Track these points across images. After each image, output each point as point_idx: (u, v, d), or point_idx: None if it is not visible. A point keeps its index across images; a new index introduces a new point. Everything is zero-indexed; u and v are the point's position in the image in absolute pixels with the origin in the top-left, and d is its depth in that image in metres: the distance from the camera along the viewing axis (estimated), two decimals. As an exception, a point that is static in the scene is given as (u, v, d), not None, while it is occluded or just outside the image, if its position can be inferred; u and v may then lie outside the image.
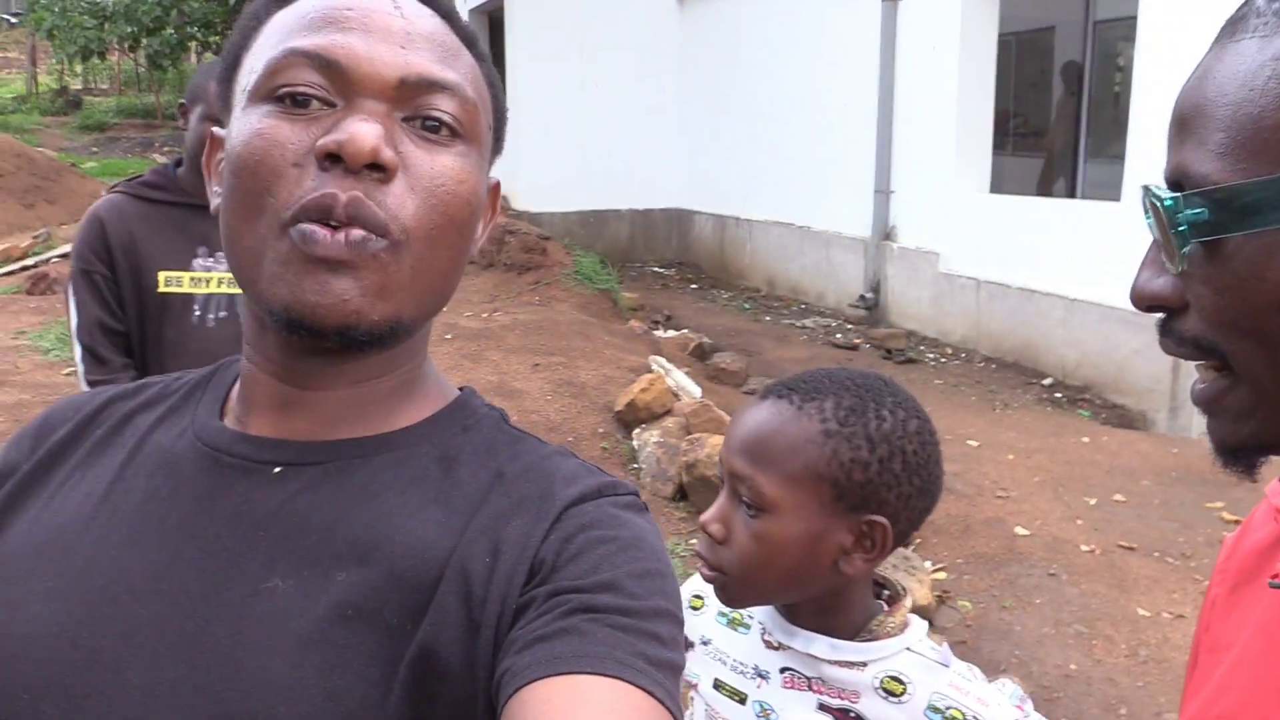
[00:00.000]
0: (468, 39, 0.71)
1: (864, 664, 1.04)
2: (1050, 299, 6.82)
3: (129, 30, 17.21)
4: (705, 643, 1.16)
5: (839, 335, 7.96)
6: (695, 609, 1.19)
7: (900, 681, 1.02)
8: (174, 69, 19.21)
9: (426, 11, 0.69)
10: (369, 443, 0.70)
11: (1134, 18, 6.28)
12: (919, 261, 8.02)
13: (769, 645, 1.09)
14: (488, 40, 11.68)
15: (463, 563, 0.64)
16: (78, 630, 0.64)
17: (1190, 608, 3.70)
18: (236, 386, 0.76)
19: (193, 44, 18.32)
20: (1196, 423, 5.89)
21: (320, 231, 0.61)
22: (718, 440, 4.21)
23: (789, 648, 1.07)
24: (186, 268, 2.08)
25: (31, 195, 11.46)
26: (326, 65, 0.63)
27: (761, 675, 1.09)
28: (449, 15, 0.71)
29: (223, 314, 2.09)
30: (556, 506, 0.66)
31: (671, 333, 7.47)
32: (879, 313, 8.45)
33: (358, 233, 0.61)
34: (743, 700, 1.09)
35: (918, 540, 4.04)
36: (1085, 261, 6.56)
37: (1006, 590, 3.75)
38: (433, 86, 0.65)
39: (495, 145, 0.74)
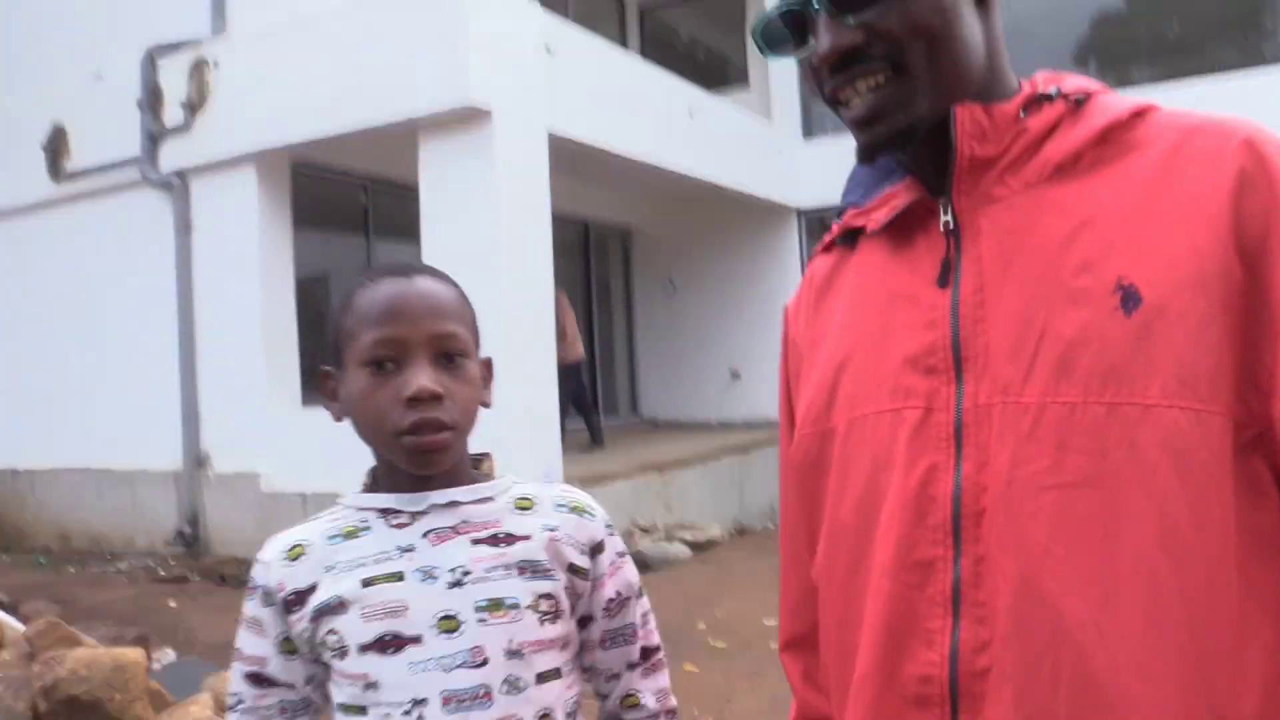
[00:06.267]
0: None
1: (492, 497, 1.20)
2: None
3: None
4: (329, 568, 1.15)
5: (162, 571, 7.36)
6: (296, 558, 1.17)
7: (527, 499, 1.22)
8: None
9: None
10: None
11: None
12: (239, 485, 7.86)
13: (398, 526, 1.16)
14: None
15: None
16: None
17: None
18: None
19: None
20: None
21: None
22: (81, 653, 3.67)
23: (423, 514, 1.16)
24: None
25: None
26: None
27: (406, 550, 1.14)
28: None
29: None
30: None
31: (-46, 595, 6.23)
32: (201, 546, 8.02)
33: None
34: (400, 577, 1.13)
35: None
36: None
37: None
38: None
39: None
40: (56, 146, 9.08)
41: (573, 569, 1.19)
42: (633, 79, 8.95)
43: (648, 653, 1.29)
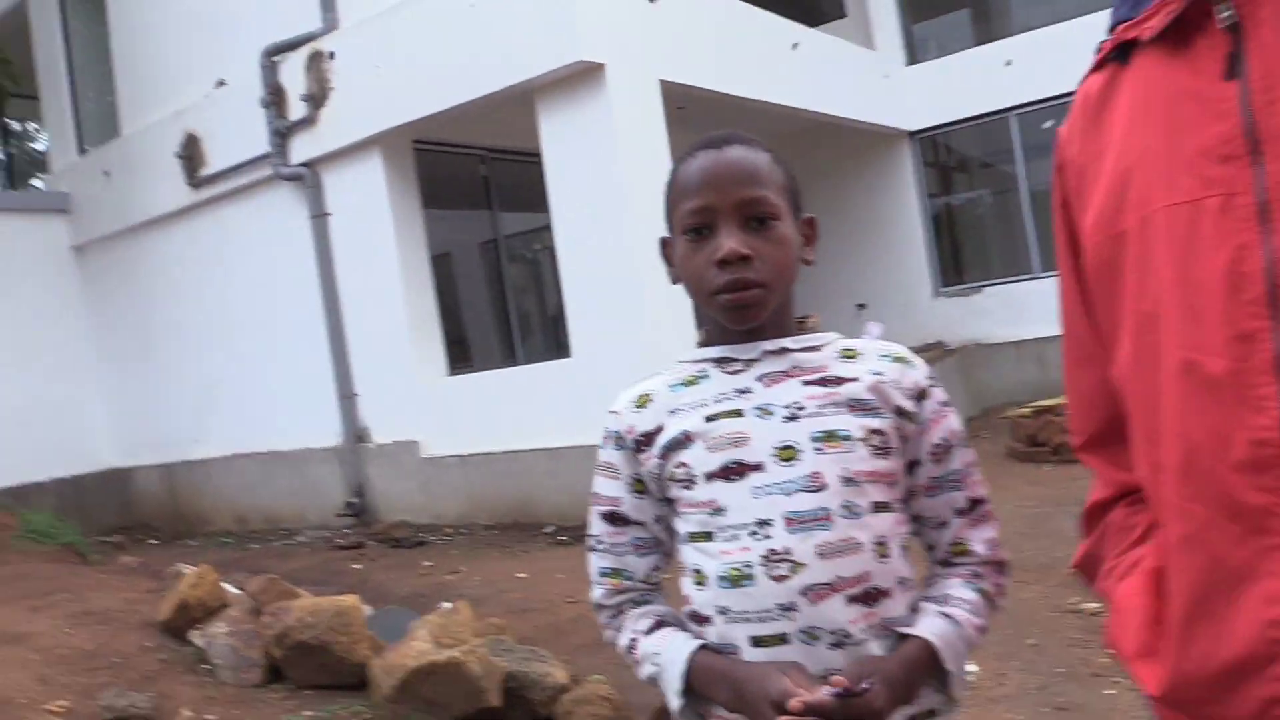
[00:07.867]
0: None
1: (820, 346, 1.31)
2: (534, 454, 7.44)
3: None
4: (673, 411, 1.29)
5: (339, 540, 7.79)
6: (643, 405, 1.32)
7: (852, 349, 1.31)
8: None
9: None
10: None
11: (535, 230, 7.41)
12: (400, 454, 8.24)
13: (733, 373, 1.29)
14: None
15: None
16: None
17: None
18: None
19: None
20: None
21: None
22: (304, 602, 3.97)
23: (755, 361, 1.28)
24: None
25: None
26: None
27: (743, 392, 1.27)
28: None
29: None
30: None
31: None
32: (369, 515, 8.43)
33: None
34: (739, 414, 1.25)
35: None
36: (552, 413, 7.30)
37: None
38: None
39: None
40: (191, 154, 9.57)
41: (899, 412, 1.26)
42: (731, 18, 8.91)
43: (975, 503, 1.32)
